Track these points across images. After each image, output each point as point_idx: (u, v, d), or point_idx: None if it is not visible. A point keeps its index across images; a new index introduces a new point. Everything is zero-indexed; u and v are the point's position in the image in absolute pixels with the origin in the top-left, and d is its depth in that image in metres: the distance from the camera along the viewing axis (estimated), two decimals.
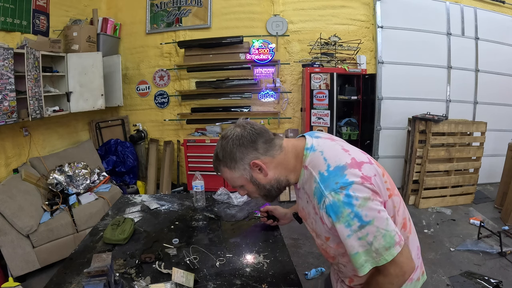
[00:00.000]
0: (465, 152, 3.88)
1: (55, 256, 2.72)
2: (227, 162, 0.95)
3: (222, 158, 0.96)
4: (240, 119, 1.02)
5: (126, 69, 4.73)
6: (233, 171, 0.96)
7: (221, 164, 0.97)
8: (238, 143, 0.93)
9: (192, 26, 4.50)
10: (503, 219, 3.46)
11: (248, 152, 0.94)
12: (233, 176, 0.97)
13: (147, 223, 1.62)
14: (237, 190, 1.05)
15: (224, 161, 0.96)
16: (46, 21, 3.54)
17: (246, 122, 0.98)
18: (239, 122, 0.98)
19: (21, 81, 2.92)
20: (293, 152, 0.98)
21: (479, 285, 2.36)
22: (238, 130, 0.95)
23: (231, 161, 0.95)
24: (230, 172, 0.97)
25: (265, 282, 1.11)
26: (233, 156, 0.94)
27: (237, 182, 0.99)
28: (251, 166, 0.95)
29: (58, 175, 3.12)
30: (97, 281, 0.92)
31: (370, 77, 4.00)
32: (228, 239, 1.43)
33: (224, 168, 0.97)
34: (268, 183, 0.97)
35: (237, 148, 0.93)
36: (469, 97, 4.49)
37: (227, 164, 0.96)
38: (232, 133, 0.95)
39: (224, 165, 0.96)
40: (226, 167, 0.97)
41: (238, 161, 0.94)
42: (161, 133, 4.85)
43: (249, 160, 0.94)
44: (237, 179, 0.98)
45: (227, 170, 0.97)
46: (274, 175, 0.97)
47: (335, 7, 4.29)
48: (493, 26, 4.40)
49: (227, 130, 0.98)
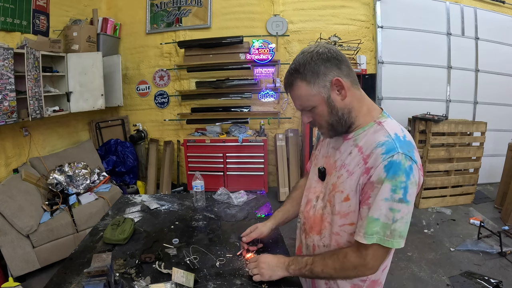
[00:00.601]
0: (465, 152, 3.88)
1: (55, 256, 2.72)
2: (307, 76, 0.88)
3: (302, 70, 0.88)
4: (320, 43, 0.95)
5: (126, 69, 4.73)
6: (311, 86, 0.89)
7: (298, 78, 0.89)
8: (324, 58, 0.88)
9: (192, 26, 4.50)
10: (503, 219, 3.46)
11: (332, 69, 0.88)
12: (309, 92, 0.89)
13: (147, 223, 1.61)
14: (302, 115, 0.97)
15: (304, 74, 0.88)
16: (46, 21, 3.54)
17: (329, 45, 0.93)
18: (321, 44, 0.92)
19: (21, 81, 2.92)
20: (369, 104, 0.96)
21: (479, 285, 2.36)
22: (321, 49, 0.89)
23: (313, 75, 0.88)
24: (307, 88, 0.89)
25: (265, 282, 1.11)
26: (316, 69, 0.88)
27: (310, 101, 0.91)
28: (332, 84, 0.89)
29: (58, 175, 3.12)
30: (97, 281, 0.92)
31: (370, 77, 4.00)
32: (228, 239, 1.43)
33: (301, 82, 0.89)
34: (342, 108, 0.91)
35: (322, 62, 0.87)
36: (469, 97, 4.49)
37: (307, 78, 0.88)
38: (316, 49, 0.89)
39: (303, 78, 0.89)
40: (304, 81, 0.89)
41: (320, 76, 0.88)
42: (161, 133, 4.85)
43: (332, 77, 0.88)
44: (312, 97, 0.90)
45: (304, 85, 0.89)
46: (350, 103, 0.92)
47: (335, 7, 4.29)
48: (493, 26, 4.41)
49: (308, 47, 0.92)
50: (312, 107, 0.92)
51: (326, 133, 0.98)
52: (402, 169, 0.81)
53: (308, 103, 0.91)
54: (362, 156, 0.90)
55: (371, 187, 0.85)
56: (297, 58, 0.91)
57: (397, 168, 0.81)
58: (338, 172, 0.97)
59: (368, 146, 0.89)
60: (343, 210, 0.93)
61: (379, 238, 0.84)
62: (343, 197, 0.93)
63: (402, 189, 0.81)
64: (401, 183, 0.81)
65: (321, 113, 0.92)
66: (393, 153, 0.83)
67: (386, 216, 0.83)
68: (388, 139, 0.86)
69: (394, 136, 0.87)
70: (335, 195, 0.96)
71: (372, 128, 0.93)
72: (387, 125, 0.91)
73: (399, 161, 0.82)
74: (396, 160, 0.82)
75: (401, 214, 0.82)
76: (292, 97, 0.95)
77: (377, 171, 0.84)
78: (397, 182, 0.81)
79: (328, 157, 1.05)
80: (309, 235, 1.07)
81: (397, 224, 0.83)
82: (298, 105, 0.95)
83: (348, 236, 0.94)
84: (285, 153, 4.35)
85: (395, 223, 0.83)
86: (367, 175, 0.86)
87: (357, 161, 0.91)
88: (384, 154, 0.84)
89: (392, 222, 0.82)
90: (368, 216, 0.85)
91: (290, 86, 0.93)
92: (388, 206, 0.82)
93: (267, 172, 4.32)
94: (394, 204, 0.82)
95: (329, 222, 0.99)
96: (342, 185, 0.93)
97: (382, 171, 0.83)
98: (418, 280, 2.49)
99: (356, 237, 0.88)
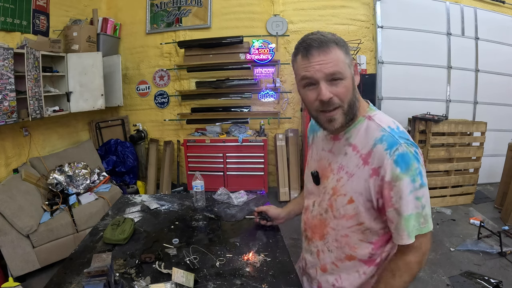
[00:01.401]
0: (465, 152, 3.88)
1: (55, 256, 2.72)
2: (342, 46, 0.86)
3: (338, 41, 0.85)
4: None
5: (126, 69, 4.73)
6: (346, 56, 0.86)
7: (336, 45, 0.84)
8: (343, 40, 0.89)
9: (192, 26, 4.50)
10: (503, 219, 3.46)
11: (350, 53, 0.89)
12: (344, 60, 0.85)
13: (147, 223, 1.61)
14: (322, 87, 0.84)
15: (341, 44, 0.86)
16: (46, 21, 3.54)
17: None
18: None
19: (21, 81, 2.92)
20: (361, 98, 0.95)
21: (479, 285, 2.36)
22: None
23: (347, 48, 0.87)
24: (344, 56, 0.85)
25: (265, 282, 1.11)
26: (346, 45, 0.88)
27: (343, 68, 0.84)
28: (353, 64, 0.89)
29: (58, 175, 3.12)
30: (97, 281, 0.92)
31: (370, 77, 4.00)
32: (228, 239, 1.43)
33: (339, 49, 0.84)
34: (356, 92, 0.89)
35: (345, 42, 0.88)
36: (469, 97, 4.49)
37: (343, 47, 0.86)
38: None
39: (341, 46, 0.85)
40: (341, 49, 0.85)
41: (349, 52, 0.88)
42: (161, 133, 4.85)
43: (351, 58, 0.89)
44: (344, 65, 0.85)
45: (341, 52, 0.85)
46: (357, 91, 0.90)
47: (335, 7, 4.29)
48: (493, 26, 4.40)
49: None
50: (342, 78, 0.84)
51: (340, 117, 0.88)
52: (411, 157, 0.81)
53: (342, 71, 0.84)
54: (359, 155, 0.88)
55: (389, 186, 0.82)
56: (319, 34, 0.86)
57: (407, 158, 0.81)
58: (336, 175, 0.94)
59: (365, 144, 0.88)
60: (349, 213, 0.91)
61: (417, 229, 0.84)
62: (346, 200, 0.91)
63: (418, 175, 0.82)
64: (416, 170, 0.81)
65: (347, 88, 0.85)
66: (396, 146, 0.82)
67: (415, 207, 0.83)
68: (384, 133, 0.85)
69: (389, 129, 0.86)
70: (337, 199, 0.93)
71: (363, 124, 0.91)
72: (378, 119, 0.90)
73: (406, 152, 0.81)
74: (402, 152, 0.81)
75: (425, 198, 0.84)
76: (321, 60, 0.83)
77: (388, 169, 0.82)
78: (412, 171, 0.81)
79: (321, 160, 1.02)
80: (312, 241, 1.06)
81: (426, 209, 0.84)
82: (330, 68, 0.83)
83: (359, 234, 0.92)
84: (285, 153, 4.35)
85: (424, 209, 0.84)
86: (377, 176, 0.84)
87: (355, 161, 0.89)
88: (388, 150, 0.82)
89: (422, 209, 0.83)
90: (403, 216, 0.83)
91: (325, 46, 0.83)
92: (414, 196, 0.82)
93: (267, 172, 4.32)
94: (417, 192, 0.82)
95: (333, 228, 0.96)
96: (344, 188, 0.91)
97: (393, 167, 0.81)
98: (418, 280, 2.49)
99: (400, 242, 0.86)
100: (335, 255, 0.99)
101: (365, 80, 3.92)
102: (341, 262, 0.98)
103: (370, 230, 0.91)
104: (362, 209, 0.88)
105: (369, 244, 0.93)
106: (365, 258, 0.95)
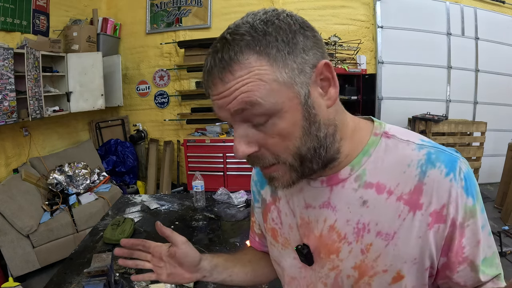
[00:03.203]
0: (465, 152, 3.88)
1: (55, 256, 2.72)
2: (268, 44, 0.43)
3: (263, 33, 0.43)
4: None
5: (126, 69, 4.73)
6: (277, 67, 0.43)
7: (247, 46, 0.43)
8: (302, 24, 0.46)
9: (192, 26, 4.50)
10: (503, 219, 3.46)
11: (314, 46, 0.47)
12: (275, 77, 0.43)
13: (147, 223, 1.62)
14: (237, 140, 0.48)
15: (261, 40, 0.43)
16: (46, 21, 3.53)
17: None
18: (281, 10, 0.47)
19: (21, 81, 2.92)
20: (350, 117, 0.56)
21: None
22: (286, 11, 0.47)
23: (284, 44, 0.44)
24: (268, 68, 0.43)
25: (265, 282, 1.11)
26: (291, 37, 0.44)
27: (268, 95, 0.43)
28: (317, 72, 0.46)
29: (58, 175, 3.12)
30: (97, 281, 0.92)
31: (370, 77, 4.00)
32: (228, 239, 1.43)
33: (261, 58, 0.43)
34: (327, 121, 0.48)
35: (301, 30, 0.46)
36: (469, 97, 4.49)
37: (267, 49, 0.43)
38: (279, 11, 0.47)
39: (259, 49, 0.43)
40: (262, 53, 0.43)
41: (297, 50, 0.45)
42: (161, 133, 4.85)
43: (318, 58, 0.47)
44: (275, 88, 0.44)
45: (264, 60, 0.43)
46: (335, 116, 0.50)
47: (335, 7, 4.29)
48: (493, 26, 4.40)
49: None
50: (269, 113, 0.45)
51: (286, 175, 0.50)
52: (473, 178, 0.51)
53: (263, 101, 0.43)
54: (396, 196, 0.50)
55: (461, 232, 0.49)
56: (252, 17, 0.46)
57: (472, 180, 0.50)
58: (357, 244, 0.53)
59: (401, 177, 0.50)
60: None
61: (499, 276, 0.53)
62: (391, 278, 0.51)
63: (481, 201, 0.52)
64: (478, 194, 0.50)
65: (287, 128, 0.46)
66: (457, 164, 0.49)
67: (489, 246, 0.52)
68: (428, 150, 0.51)
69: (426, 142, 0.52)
70: (371, 282, 0.53)
71: (380, 147, 0.53)
72: (398, 133, 0.54)
73: (467, 170, 0.50)
74: (466, 171, 0.50)
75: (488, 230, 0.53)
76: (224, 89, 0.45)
77: (460, 204, 0.48)
78: (479, 197, 0.51)
79: (308, 224, 0.58)
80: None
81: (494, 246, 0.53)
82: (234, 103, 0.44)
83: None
84: None
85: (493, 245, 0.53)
86: (444, 224, 0.48)
87: (393, 210, 0.50)
88: (451, 173, 0.48)
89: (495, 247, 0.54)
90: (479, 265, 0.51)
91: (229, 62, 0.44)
92: (487, 232, 0.52)
93: None
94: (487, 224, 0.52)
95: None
96: (383, 261, 0.51)
97: (465, 197, 0.49)
98: None
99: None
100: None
101: (365, 80, 3.93)
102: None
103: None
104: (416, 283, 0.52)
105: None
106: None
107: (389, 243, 0.51)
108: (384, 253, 0.51)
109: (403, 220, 0.50)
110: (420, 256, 0.50)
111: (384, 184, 0.51)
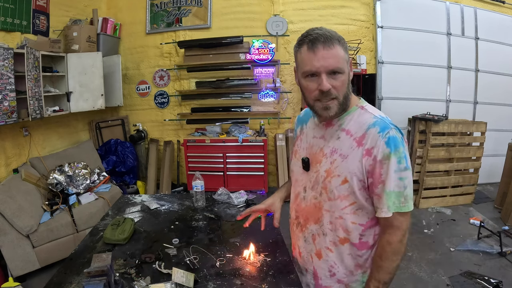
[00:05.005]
0: (465, 152, 3.88)
1: (55, 256, 2.72)
2: (343, 44, 0.95)
3: (339, 38, 0.93)
4: None
5: (126, 69, 4.73)
6: (345, 53, 0.95)
7: (337, 42, 0.93)
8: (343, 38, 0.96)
9: (192, 26, 4.50)
10: (503, 219, 3.46)
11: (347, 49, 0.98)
12: (344, 57, 0.94)
13: (147, 223, 1.62)
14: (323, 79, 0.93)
15: (342, 42, 0.94)
16: (46, 21, 3.53)
17: None
18: None
19: (21, 81, 2.92)
20: None
21: (479, 285, 2.36)
22: None
23: (345, 46, 0.96)
24: (343, 53, 0.94)
25: (265, 282, 1.11)
26: (346, 44, 0.96)
27: (342, 64, 0.93)
28: (350, 62, 0.97)
29: (58, 175, 3.12)
30: (97, 281, 0.92)
31: (370, 77, 3.99)
32: (228, 239, 1.43)
33: (340, 47, 0.93)
34: (350, 85, 0.98)
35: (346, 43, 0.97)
36: (469, 97, 4.49)
37: (343, 45, 0.94)
38: None
39: (341, 44, 0.94)
40: (341, 46, 0.94)
41: (347, 50, 0.97)
42: (161, 133, 4.85)
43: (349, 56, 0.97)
44: (343, 62, 0.94)
45: (342, 49, 0.93)
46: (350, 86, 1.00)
47: (335, 7, 4.29)
48: (493, 26, 4.40)
49: None
50: (341, 72, 0.93)
51: (336, 107, 0.96)
52: (399, 141, 0.92)
53: (341, 66, 0.93)
54: (353, 138, 0.97)
55: (380, 165, 0.92)
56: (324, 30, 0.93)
57: (396, 141, 0.91)
58: (329, 158, 1.01)
59: (358, 129, 0.97)
60: (343, 193, 0.98)
61: (397, 207, 0.93)
62: (340, 181, 0.97)
63: (404, 158, 0.92)
64: (402, 153, 0.91)
65: (344, 82, 0.95)
66: (388, 130, 0.92)
67: (397, 186, 0.92)
68: (376, 120, 0.95)
69: (380, 116, 0.97)
70: (331, 180, 0.99)
71: (356, 112, 1.01)
72: (369, 108, 1.01)
73: (395, 136, 0.92)
74: (392, 135, 0.92)
75: (408, 180, 0.93)
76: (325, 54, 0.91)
77: (381, 149, 0.91)
78: (399, 153, 0.91)
79: (312, 147, 1.09)
80: (306, 227, 1.10)
81: (407, 190, 0.93)
82: (332, 63, 0.92)
83: (352, 216, 0.99)
84: (285, 153, 4.35)
85: (406, 189, 0.93)
86: (369, 157, 0.93)
87: (349, 144, 0.97)
88: (381, 133, 0.92)
89: (404, 190, 0.93)
90: (385, 191, 0.92)
91: (330, 42, 0.91)
92: (398, 176, 0.91)
93: (267, 172, 4.32)
94: (402, 173, 0.92)
95: (327, 210, 1.02)
96: (338, 170, 0.98)
97: (385, 147, 0.91)
98: (418, 280, 2.49)
99: (380, 214, 0.95)
100: (329, 238, 1.04)
101: (365, 80, 3.92)
102: (335, 246, 1.04)
103: (362, 209, 0.99)
104: (355, 188, 0.96)
105: (359, 226, 1.00)
106: (356, 241, 1.01)
107: (343, 160, 0.98)
108: (340, 166, 0.98)
109: (353, 150, 0.96)
110: (357, 171, 0.95)
111: (350, 130, 0.99)
